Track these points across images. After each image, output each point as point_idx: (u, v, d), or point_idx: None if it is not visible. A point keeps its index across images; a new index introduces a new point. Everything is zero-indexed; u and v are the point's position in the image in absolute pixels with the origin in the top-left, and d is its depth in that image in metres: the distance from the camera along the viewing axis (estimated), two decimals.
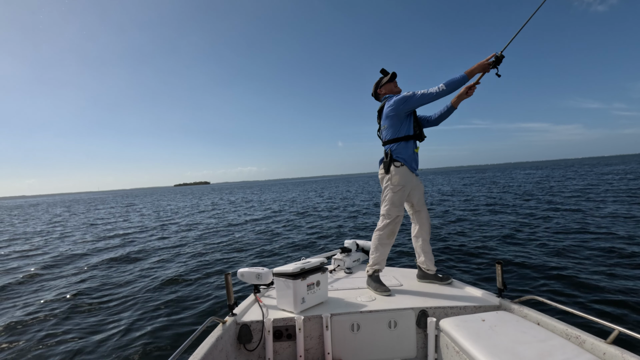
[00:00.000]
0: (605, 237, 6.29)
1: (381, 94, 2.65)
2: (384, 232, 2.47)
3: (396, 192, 2.42)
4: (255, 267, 2.37)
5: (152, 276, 5.67)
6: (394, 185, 2.42)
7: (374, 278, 2.46)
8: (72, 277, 5.94)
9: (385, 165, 2.47)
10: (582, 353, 1.41)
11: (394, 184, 2.42)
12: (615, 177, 22.31)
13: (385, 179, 2.49)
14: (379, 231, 2.49)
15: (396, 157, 2.44)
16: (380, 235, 2.48)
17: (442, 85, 2.21)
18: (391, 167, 2.43)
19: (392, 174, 2.43)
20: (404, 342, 2.03)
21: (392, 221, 2.45)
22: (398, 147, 2.45)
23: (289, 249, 7.37)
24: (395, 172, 2.42)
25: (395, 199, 2.43)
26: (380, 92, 2.65)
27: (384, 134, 2.55)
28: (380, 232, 2.48)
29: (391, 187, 2.43)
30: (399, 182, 2.42)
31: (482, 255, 5.67)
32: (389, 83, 2.62)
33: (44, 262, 7.43)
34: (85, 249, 8.88)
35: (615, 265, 4.66)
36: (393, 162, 2.44)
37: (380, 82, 2.65)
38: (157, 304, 4.33)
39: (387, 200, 2.46)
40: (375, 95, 2.71)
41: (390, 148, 2.48)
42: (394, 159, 2.44)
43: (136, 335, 3.47)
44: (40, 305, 4.53)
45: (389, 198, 2.45)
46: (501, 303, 2.07)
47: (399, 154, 2.44)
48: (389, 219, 2.45)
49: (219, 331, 1.80)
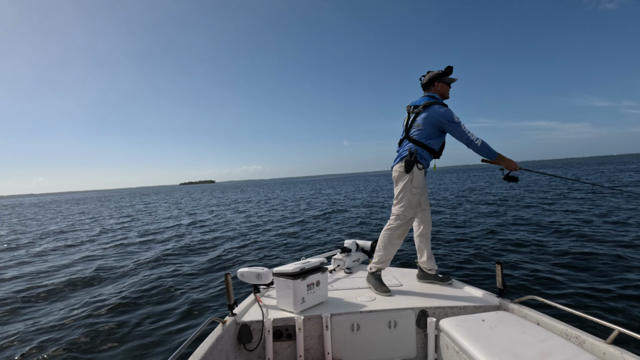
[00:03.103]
0: (606, 237, 6.29)
1: (433, 89, 2.54)
2: (395, 232, 2.43)
3: (415, 194, 2.39)
4: (255, 267, 2.37)
5: (152, 276, 5.67)
6: (415, 187, 2.38)
7: (376, 276, 2.45)
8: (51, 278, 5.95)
9: (408, 164, 2.37)
10: (582, 353, 1.41)
11: (414, 186, 2.38)
12: (621, 175, 22.30)
13: (403, 179, 2.41)
14: (391, 230, 2.44)
15: (420, 159, 2.39)
16: (391, 234, 2.44)
17: (479, 140, 2.30)
18: (414, 168, 2.38)
19: (414, 176, 2.38)
20: (403, 342, 2.03)
21: (406, 222, 2.42)
22: (423, 153, 2.41)
23: (289, 249, 7.38)
24: (418, 174, 2.38)
25: (413, 201, 2.40)
26: (435, 86, 2.53)
27: (416, 132, 2.45)
28: (392, 232, 2.44)
29: (411, 188, 2.38)
30: (419, 185, 2.38)
31: (482, 255, 5.67)
32: (446, 85, 2.54)
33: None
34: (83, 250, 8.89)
35: (616, 265, 4.66)
36: (417, 163, 2.38)
37: (442, 77, 2.52)
38: (157, 303, 4.33)
39: (404, 201, 2.40)
40: (426, 85, 2.58)
41: (416, 148, 2.41)
42: (418, 161, 2.38)
43: (136, 335, 3.47)
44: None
45: (406, 199, 2.39)
46: (501, 303, 2.07)
47: (423, 157, 2.41)
48: (403, 220, 2.41)
49: (218, 331, 1.81)
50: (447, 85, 2.54)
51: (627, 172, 27.90)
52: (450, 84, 2.56)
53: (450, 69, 2.50)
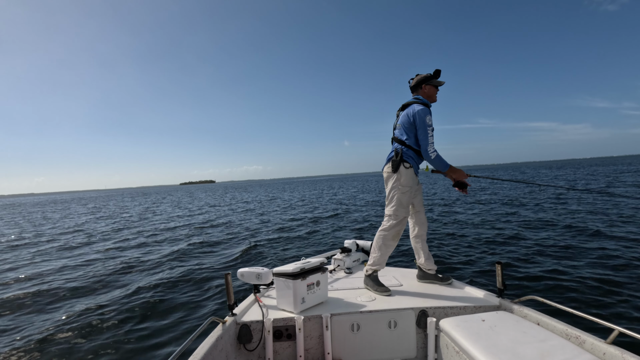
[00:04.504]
0: (607, 237, 6.28)
1: (420, 91, 2.56)
2: (389, 233, 2.44)
3: (404, 192, 2.41)
4: (255, 267, 2.37)
5: (153, 276, 5.68)
6: (403, 186, 2.40)
7: (373, 278, 2.45)
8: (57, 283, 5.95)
9: (395, 164, 2.43)
10: (582, 353, 1.41)
11: (402, 185, 2.40)
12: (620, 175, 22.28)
13: (392, 179, 2.45)
14: (384, 231, 2.45)
15: (406, 158, 2.42)
16: (386, 235, 2.45)
17: (435, 153, 2.38)
18: (400, 167, 2.41)
19: (401, 175, 2.41)
20: (404, 342, 2.03)
21: (399, 222, 2.43)
22: (409, 152, 2.44)
23: (289, 249, 7.38)
24: (405, 172, 2.40)
25: (404, 200, 2.41)
26: (423, 88, 2.55)
27: (398, 131, 2.52)
28: (386, 233, 2.45)
29: (400, 187, 2.41)
30: (407, 183, 2.40)
31: (482, 255, 5.67)
32: (434, 88, 2.55)
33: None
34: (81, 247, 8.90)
35: (616, 265, 4.65)
36: (403, 162, 2.41)
37: (430, 80, 2.53)
38: (157, 303, 4.34)
39: (394, 201, 2.43)
40: (414, 88, 2.61)
41: (401, 148, 2.45)
42: (404, 160, 2.42)
43: (136, 335, 3.47)
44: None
45: (397, 198, 2.42)
46: (501, 303, 2.07)
47: (409, 156, 2.43)
48: (395, 219, 2.42)
49: (219, 331, 1.81)
50: (434, 88, 2.56)
51: (624, 173, 27.89)
52: (438, 86, 2.57)
53: (438, 72, 2.52)
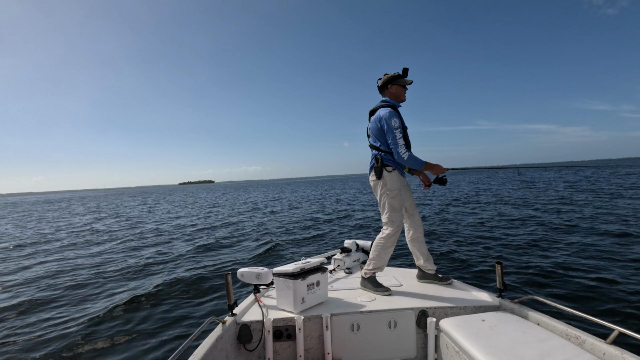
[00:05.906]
0: (607, 237, 6.28)
1: (387, 91, 2.53)
2: (388, 241, 2.44)
3: (394, 196, 2.41)
4: (255, 267, 2.37)
5: (153, 276, 5.67)
6: (391, 190, 2.40)
7: (371, 279, 2.45)
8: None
9: (377, 170, 2.42)
10: (582, 353, 1.41)
11: (390, 189, 2.40)
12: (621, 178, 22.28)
13: (379, 186, 2.45)
14: (384, 239, 2.45)
15: (387, 162, 2.41)
16: (385, 243, 2.45)
17: (407, 154, 2.31)
18: (384, 173, 2.40)
19: (386, 180, 2.41)
20: (404, 342, 2.03)
21: (397, 229, 2.43)
22: (387, 156, 2.43)
23: (289, 249, 7.38)
24: (389, 177, 2.40)
25: (395, 204, 2.41)
26: (389, 88, 2.51)
27: (372, 139, 2.51)
28: (385, 240, 2.44)
29: (388, 192, 2.41)
30: (394, 186, 2.40)
31: (482, 255, 5.67)
32: (401, 87, 2.52)
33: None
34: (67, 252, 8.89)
35: (616, 265, 4.65)
36: (385, 167, 2.41)
37: (396, 79, 2.50)
38: (157, 303, 4.33)
39: (386, 207, 2.43)
40: (381, 88, 2.58)
41: (380, 154, 2.44)
42: (385, 164, 2.41)
43: (136, 335, 3.47)
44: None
45: (388, 204, 2.42)
46: (501, 303, 2.07)
47: (389, 160, 2.42)
48: (392, 225, 2.42)
49: (219, 331, 1.81)
50: (402, 87, 2.52)
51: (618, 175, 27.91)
52: (405, 86, 2.53)
53: (406, 71, 2.50)
